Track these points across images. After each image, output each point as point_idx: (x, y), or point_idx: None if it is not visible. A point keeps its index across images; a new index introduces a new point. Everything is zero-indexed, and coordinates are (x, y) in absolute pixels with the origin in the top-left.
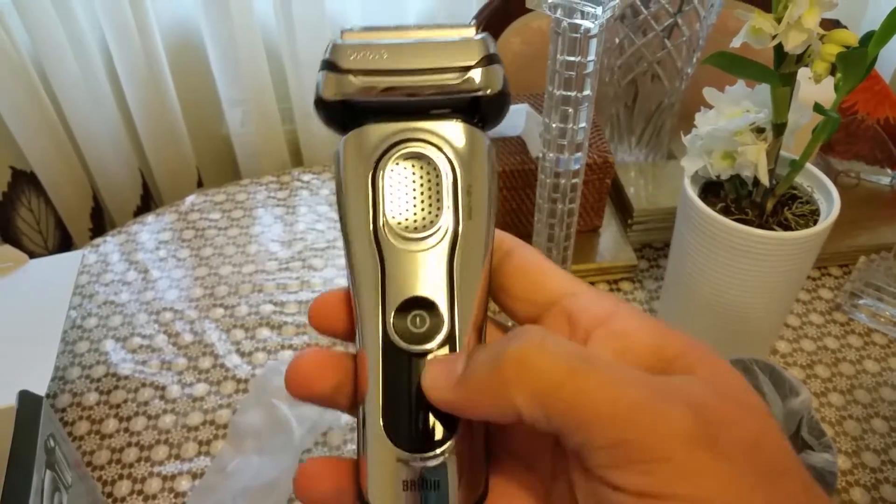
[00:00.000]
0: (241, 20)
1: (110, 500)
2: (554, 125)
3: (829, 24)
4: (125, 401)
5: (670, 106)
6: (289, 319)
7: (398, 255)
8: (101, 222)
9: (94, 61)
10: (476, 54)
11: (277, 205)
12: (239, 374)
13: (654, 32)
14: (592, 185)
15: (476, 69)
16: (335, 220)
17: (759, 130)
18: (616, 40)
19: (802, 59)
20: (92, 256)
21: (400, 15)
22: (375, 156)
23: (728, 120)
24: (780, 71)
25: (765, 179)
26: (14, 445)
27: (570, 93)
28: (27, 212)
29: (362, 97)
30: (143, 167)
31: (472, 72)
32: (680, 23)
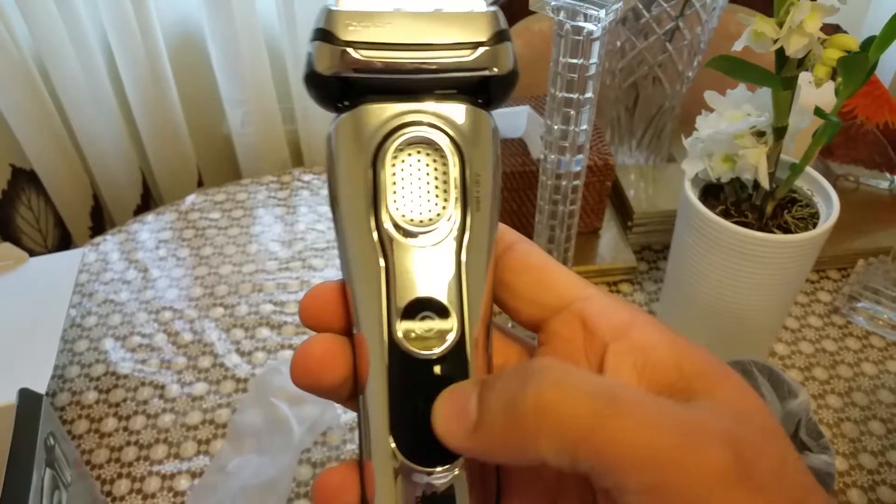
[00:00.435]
0: (244, 19)
1: (109, 499)
2: (555, 127)
3: (830, 29)
4: (124, 400)
5: (671, 109)
6: (288, 319)
7: (403, 252)
8: (100, 221)
9: (96, 59)
10: (488, 29)
11: (278, 204)
12: (238, 373)
13: (655, 36)
14: (593, 188)
15: (487, 46)
16: None
17: (760, 134)
18: (617, 43)
19: (804, 64)
20: (92, 255)
21: None
22: (376, 140)
23: (729, 123)
24: (782, 75)
25: (765, 182)
26: (14, 443)
27: (571, 95)
28: (27, 210)
29: (362, 73)
30: (144, 166)
31: (482, 49)
32: (681, 26)
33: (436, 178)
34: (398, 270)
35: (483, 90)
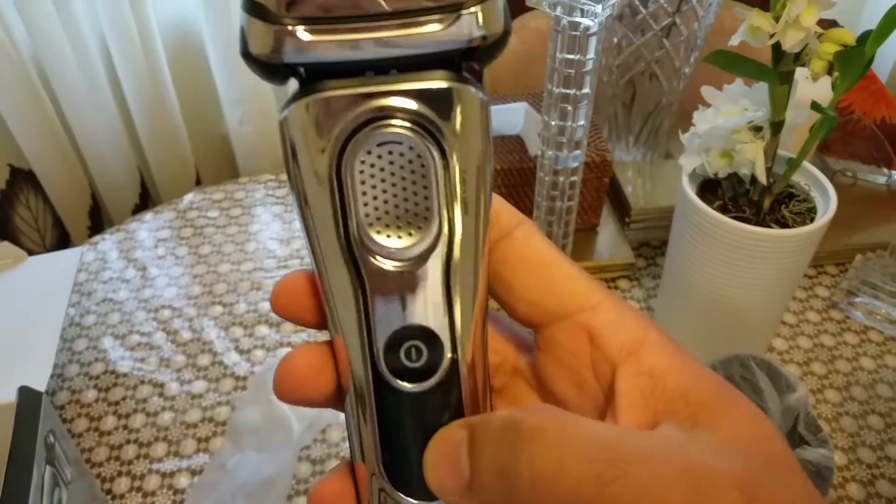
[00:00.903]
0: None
1: (109, 497)
2: (553, 123)
3: (827, 24)
4: (124, 398)
5: (668, 105)
6: None
7: (382, 276)
8: (99, 221)
9: (94, 60)
10: None
11: (276, 203)
12: (238, 371)
13: (652, 32)
14: (590, 184)
15: (472, 6)
16: None
17: (757, 129)
18: (614, 40)
19: (800, 58)
20: (90, 254)
21: None
22: (338, 143)
23: (726, 118)
24: (778, 69)
25: (762, 177)
26: (14, 441)
27: (569, 90)
28: (25, 210)
29: (308, 57)
30: (142, 165)
31: (465, 11)
32: (678, 22)
33: (413, 184)
34: (377, 297)
35: (469, 57)
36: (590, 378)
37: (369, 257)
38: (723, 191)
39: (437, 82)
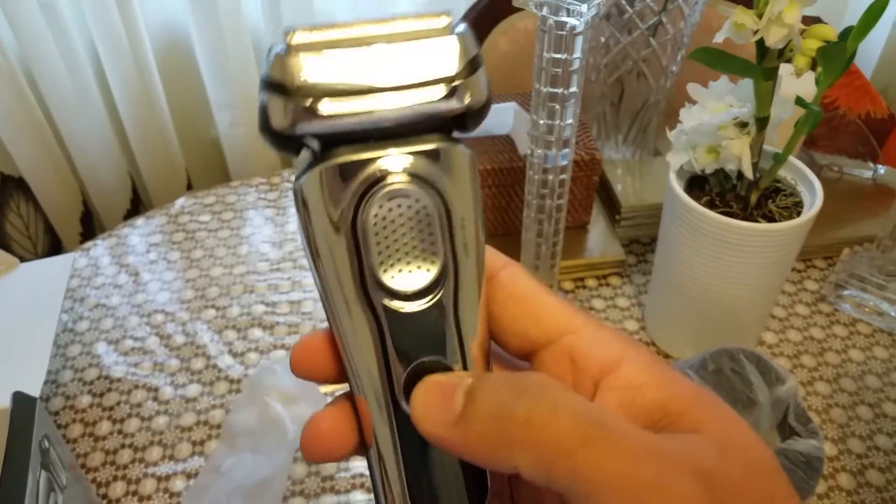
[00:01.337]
0: (230, 22)
1: (105, 502)
2: (541, 122)
3: (811, 21)
4: (118, 403)
5: (656, 104)
6: (280, 319)
7: (396, 319)
8: (90, 227)
9: (83, 64)
10: (459, 60)
11: (268, 206)
12: (232, 374)
13: (639, 31)
14: (580, 182)
15: (460, 80)
16: None
17: (743, 125)
18: (602, 39)
19: (784, 54)
20: (82, 260)
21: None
22: (352, 203)
23: (712, 114)
24: (762, 66)
25: (748, 173)
26: (9, 446)
27: (556, 90)
28: (16, 217)
29: (322, 128)
30: (133, 171)
31: (456, 84)
32: (664, 21)
33: (420, 233)
34: (395, 337)
35: (457, 124)
36: None
37: (385, 300)
38: (710, 186)
39: (433, 144)
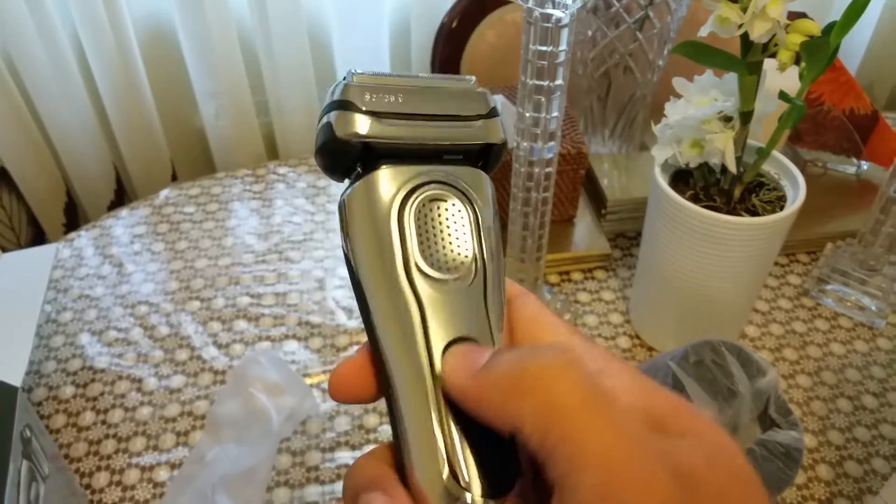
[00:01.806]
0: (215, 11)
1: (89, 492)
2: (527, 114)
3: (796, 16)
4: (102, 393)
5: (642, 98)
6: (266, 311)
7: (437, 298)
8: (74, 218)
9: (66, 54)
10: (485, 105)
11: (253, 198)
12: (216, 365)
13: (625, 25)
14: (567, 176)
15: (485, 119)
16: (312, 213)
17: (727, 119)
18: (588, 33)
19: (768, 49)
20: (66, 251)
21: (375, 9)
22: (399, 197)
23: (697, 108)
24: (747, 60)
25: (732, 167)
26: None
27: (542, 82)
28: None
29: (383, 139)
30: (117, 161)
31: (483, 121)
32: (651, 15)
33: (457, 230)
34: (435, 315)
35: (480, 157)
36: None
37: (426, 285)
38: (694, 181)
39: (466, 166)
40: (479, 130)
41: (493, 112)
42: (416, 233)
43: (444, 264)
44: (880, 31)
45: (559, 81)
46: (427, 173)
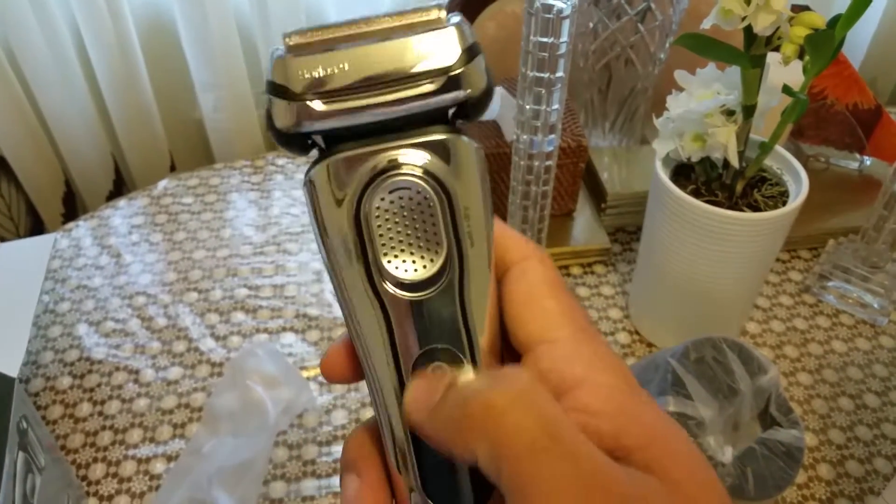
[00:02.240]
0: (215, 3)
1: (85, 483)
2: (527, 106)
3: (800, 9)
4: (99, 384)
5: (644, 91)
6: (263, 303)
7: (403, 307)
8: (73, 208)
9: (65, 44)
10: (455, 50)
11: (252, 189)
12: (213, 357)
13: (627, 17)
14: (566, 169)
15: (458, 69)
16: None
17: (730, 112)
18: (590, 25)
19: (772, 42)
20: (64, 241)
21: (375, 1)
22: (356, 194)
23: (699, 102)
24: (750, 53)
25: (734, 161)
26: None
27: (543, 74)
28: None
29: (325, 125)
30: (116, 151)
31: (454, 73)
32: (653, 7)
33: (423, 223)
34: (401, 327)
35: (459, 112)
36: None
37: (389, 288)
38: (696, 175)
39: (435, 135)
40: (451, 85)
41: (469, 53)
42: (378, 234)
43: (411, 267)
44: (885, 24)
45: (560, 73)
46: (387, 153)
